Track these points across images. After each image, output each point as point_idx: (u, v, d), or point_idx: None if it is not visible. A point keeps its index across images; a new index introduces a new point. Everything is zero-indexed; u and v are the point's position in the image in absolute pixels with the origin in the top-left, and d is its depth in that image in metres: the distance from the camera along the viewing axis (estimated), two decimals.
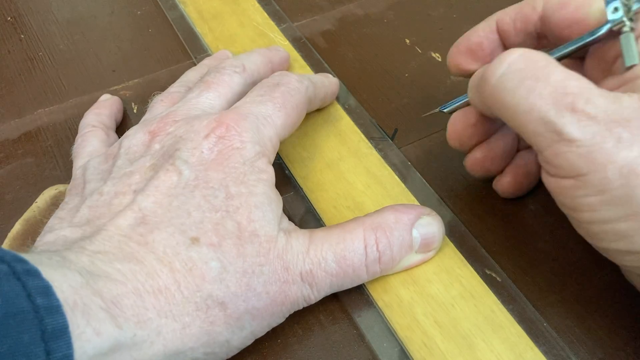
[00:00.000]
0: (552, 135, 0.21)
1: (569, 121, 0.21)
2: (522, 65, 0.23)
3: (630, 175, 0.20)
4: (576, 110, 0.21)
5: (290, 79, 0.29)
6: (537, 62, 0.22)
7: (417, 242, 0.27)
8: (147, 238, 0.23)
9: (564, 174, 0.22)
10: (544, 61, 0.22)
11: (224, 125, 0.26)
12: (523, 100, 0.22)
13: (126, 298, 0.21)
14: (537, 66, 0.22)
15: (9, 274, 0.18)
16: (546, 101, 0.22)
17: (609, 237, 0.22)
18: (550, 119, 0.21)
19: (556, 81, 0.22)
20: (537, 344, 0.25)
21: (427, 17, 0.40)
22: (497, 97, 0.23)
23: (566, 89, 0.22)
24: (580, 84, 0.22)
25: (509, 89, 0.23)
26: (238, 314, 0.23)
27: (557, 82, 0.22)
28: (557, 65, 0.22)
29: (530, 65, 0.22)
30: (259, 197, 0.25)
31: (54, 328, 0.18)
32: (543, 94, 0.22)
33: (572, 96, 0.21)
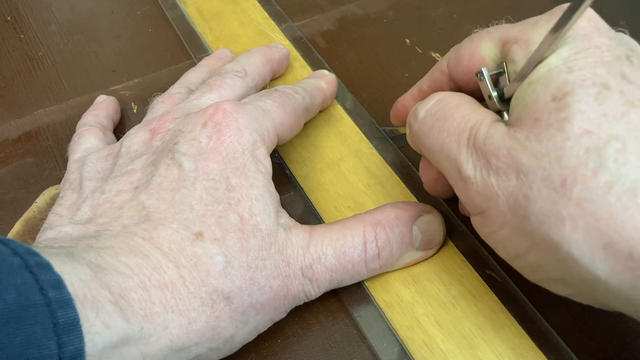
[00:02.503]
0: (457, 173, 0.22)
1: (465, 158, 0.22)
2: (436, 109, 0.24)
3: (516, 206, 0.20)
4: (469, 145, 0.22)
5: (286, 89, 0.30)
6: (448, 104, 0.24)
7: (418, 239, 0.27)
8: (152, 234, 0.23)
9: (473, 212, 0.23)
10: (456, 101, 0.24)
11: (221, 110, 0.26)
12: (435, 140, 0.23)
13: (133, 292, 0.21)
14: (447, 107, 0.24)
15: (21, 266, 0.18)
16: (451, 138, 0.23)
17: (528, 271, 0.22)
18: (453, 155, 0.22)
19: (460, 117, 0.23)
20: (538, 344, 0.25)
21: (427, 17, 0.41)
22: (418, 140, 0.25)
23: (466, 124, 0.22)
24: (479, 117, 0.22)
25: (425, 132, 0.24)
26: (243, 308, 0.23)
27: (460, 118, 0.23)
28: (468, 102, 0.23)
29: (442, 108, 0.24)
30: (259, 190, 0.25)
31: (66, 321, 0.18)
32: (449, 132, 0.23)
33: (468, 131, 0.22)
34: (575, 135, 0.19)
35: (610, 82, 0.20)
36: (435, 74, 0.28)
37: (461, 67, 0.26)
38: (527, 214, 0.20)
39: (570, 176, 0.19)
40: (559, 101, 0.20)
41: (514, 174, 0.20)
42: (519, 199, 0.20)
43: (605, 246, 0.19)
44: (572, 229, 0.19)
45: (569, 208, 0.19)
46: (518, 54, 0.23)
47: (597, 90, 0.20)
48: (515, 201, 0.20)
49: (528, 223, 0.20)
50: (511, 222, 0.21)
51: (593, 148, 0.19)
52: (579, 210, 0.19)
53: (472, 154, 0.22)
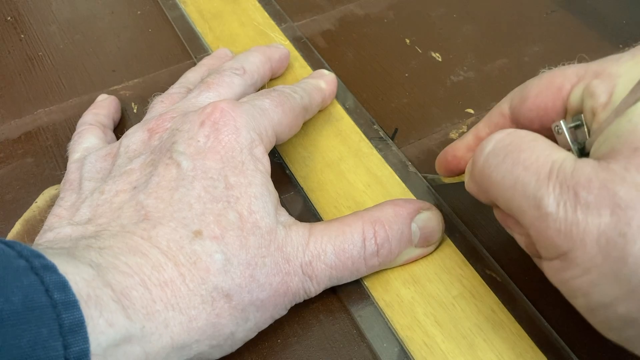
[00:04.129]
0: (534, 210, 0.20)
1: (545, 192, 0.20)
2: (508, 141, 0.22)
3: (609, 247, 0.18)
4: (551, 179, 0.20)
5: (284, 88, 0.30)
6: (523, 137, 0.22)
7: (417, 236, 0.27)
8: (151, 233, 0.23)
9: (550, 255, 0.20)
10: (531, 135, 0.22)
11: (219, 109, 0.26)
12: (508, 174, 0.21)
13: (134, 290, 0.21)
14: (522, 140, 0.22)
15: (27, 269, 0.18)
16: (528, 172, 0.20)
17: (615, 326, 0.19)
18: (531, 191, 0.20)
19: (539, 151, 0.21)
20: (538, 344, 0.25)
21: (427, 17, 0.41)
22: (485, 174, 0.22)
23: (548, 157, 0.20)
24: (560, 152, 0.21)
25: (494, 165, 0.22)
26: (243, 305, 0.23)
27: (540, 151, 0.21)
28: (543, 139, 0.22)
29: (516, 140, 0.22)
30: (258, 188, 0.25)
31: (71, 323, 0.18)
32: (525, 165, 0.21)
33: (550, 164, 0.20)
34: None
35: None
36: (495, 118, 0.26)
37: (528, 104, 0.24)
38: (623, 256, 0.18)
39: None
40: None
41: (608, 209, 0.18)
42: (613, 238, 0.18)
43: None
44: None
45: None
46: (600, 88, 0.21)
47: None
48: (608, 241, 0.18)
49: (625, 266, 0.18)
50: (601, 266, 0.18)
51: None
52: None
53: (555, 188, 0.19)
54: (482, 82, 0.36)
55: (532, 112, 0.24)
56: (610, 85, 0.21)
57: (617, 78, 0.21)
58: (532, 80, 0.25)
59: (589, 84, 0.22)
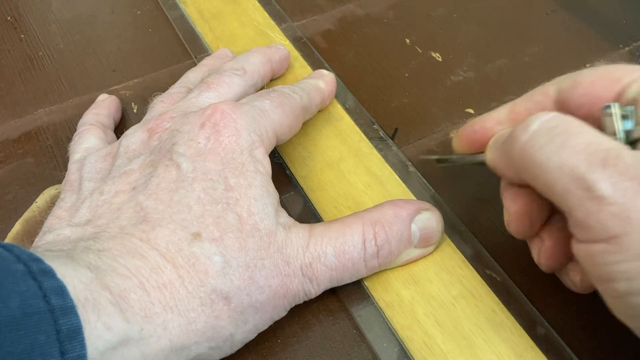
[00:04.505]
0: (583, 192, 0.20)
1: (600, 177, 0.20)
2: (554, 123, 0.22)
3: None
4: (608, 165, 0.20)
5: (284, 88, 0.30)
6: (570, 122, 0.22)
7: (416, 237, 0.27)
8: (149, 235, 0.23)
9: (595, 238, 0.20)
10: (577, 122, 0.22)
11: (219, 111, 0.26)
12: (554, 155, 0.21)
13: (133, 292, 0.21)
14: (570, 125, 0.22)
15: (25, 273, 0.18)
16: (578, 156, 0.21)
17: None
18: (581, 174, 0.20)
19: (589, 137, 0.21)
20: (538, 344, 0.25)
21: (427, 17, 0.40)
22: (527, 153, 0.22)
23: (599, 145, 0.21)
24: (613, 142, 0.21)
25: (539, 145, 0.22)
26: (242, 307, 0.23)
27: (590, 138, 0.21)
28: (589, 126, 0.22)
29: (564, 124, 0.22)
30: (257, 190, 0.25)
31: (69, 328, 0.18)
32: (575, 149, 0.21)
33: (604, 152, 0.20)
34: None
35: None
36: (538, 96, 0.26)
37: (580, 89, 0.24)
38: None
39: None
40: None
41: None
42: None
43: None
44: None
45: None
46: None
47: None
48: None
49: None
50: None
51: None
52: None
53: (612, 175, 0.20)
54: (482, 82, 0.36)
55: (583, 97, 0.24)
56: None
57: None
58: (586, 69, 0.25)
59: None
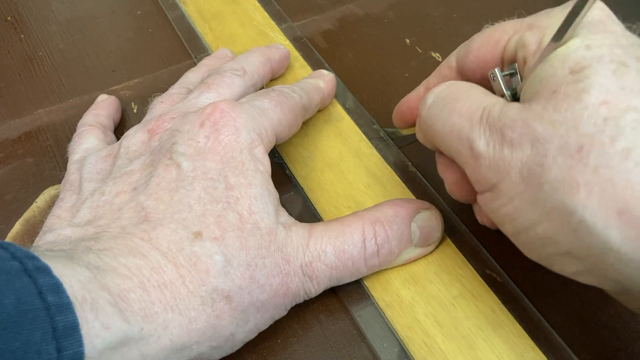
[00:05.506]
0: (468, 151, 0.22)
1: (477, 135, 0.22)
2: (447, 92, 0.25)
3: (529, 176, 0.20)
4: (482, 122, 0.22)
5: (283, 88, 0.30)
6: (460, 88, 0.24)
7: (416, 236, 0.27)
8: (151, 234, 0.23)
9: (483, 189, 0.23)
10: (466, 86, 0.24)
11: (218, 110, 0.26)
12: (446, 121, 0.24)
13: (132, 292, 0.21)
14: (459, 90, 0.24)
15: (20, 271, 0.18)
16: (462, 118, 0.23)
17: (535, 246, 0.22)
18: (465, 134, 0.23)
19: (473, 99, 0.23)
20: (538, 344, 0.25)
21: (427, 17, 0.41)
22: (428, 124, 0.25)
23: (480, 104, 0.23)
24: (492, 98, 0.23)
25: (435, 114, 0.24)
26: (243, 306, 0.23)
27: (473, 99, 0.23)
28: (478, 88, 0.24)
29: (453, 91, 0.24)
30: (258, 189, 0.25)
31: (65, 326, 0.18)
32: (461, 112, 0.23)
33: (481, 110, 0.22)
34: (593, 105, 0.19)
35: (627, 62, 0.20)
36: (443, 70, 0.28)
37: (470, 56, 0.26)
38: (541, 183, 0.20)
39: (587, 143, 0.19)
40: (577, 74, 0.20)
41: (529, 143, 0.20)
42: (533, 168, 0.20)
43: (620, 212, 0.18)
44: (587, 195, 0.19)
45: (584, 174, 0.19)
46: (531, 38, 0.23)
47: (615, 66, 0.20)
48: (529, 171, 0.20)
49: (541, 192, 0.20)
50: (523, 193, 0.21)
51: (611, 117, 0.19)
52: (595, 176, 0.19)
53: (484, 130, 0.22)
54: None
55: (474, 63, 0.26)
56: (540, 35, 0.23)
57: (546, 29, 0.23)
58: (476, 35, 0.27)
59: (522, 35, 0.24)
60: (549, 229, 0.20)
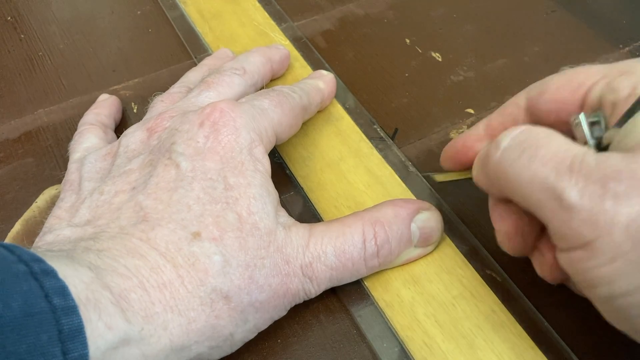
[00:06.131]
0: (554, 203, 0.20)
1: (568, 184, 0.20)
2: (524, 137, 0.22)
3: (638, 234, 0.18)
4: (573, 172, 0.20)
5: (283, 88, 0.30)
6: (538, 134, 0.22)
7: (416, 237, 0.27)
8: (149, 234, 0.23)
9: (572, 245, 0.20)
10: (545, 132, 0.22)
11: (218, 110, 0.26)
12: (525, 169, 0.21)
13: (133, 292, 0.21)
14: (538, 137, 0.22)
15: (27, 273, 0.18)
16: (546, 167, 0.21)
17: (633, 314, 0.20)
18: (550, 184, 0.20)
19: (556, 147, 0.21)
20: (538, 344, 0.25)
21: (427, 17, 0.40)
22: (501, 170, 0.23)
23: (566, 153, 0.21)
24: (580, 149, 0.21)
25: (511, 159, 0.22)
26: (242, 307, 0.23)
27: (556, 147, 0.21)
28: (558, 134, 0.22)
29: (532, 136, 0.22)
30: (257, 189, 0.25)
31: (70, 328, 0.18)
32: (544, 160, 0.21)
33: (570, 159, 0.20)
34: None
35: None
36: (509, 109, 0.27)
37: (546, 97, 0.25)
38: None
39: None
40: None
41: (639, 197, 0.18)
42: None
43: None
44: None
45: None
46: (623, 82, 0.22)
47: None
48: (638, 228, 0.18)
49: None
50: (629, 253, 0.19)
51: None
52: None
53: (578, 181, 0.20)
54: (482, 82, 0.36)
55: (549, 104, 0.25)
56: (635, 81, 0.21)
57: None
58: (553, 75, 0.25)
59: (612, 80, 0.22)
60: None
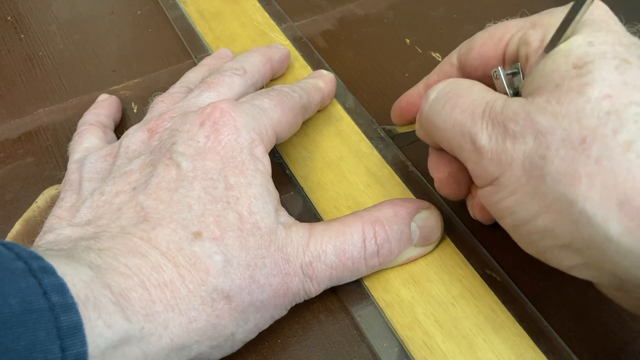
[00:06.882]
0: (470, 146, 0.23)
1: (479, 129, 0.22)
2: (448, 89, 0.25)
3: (531, 168, 0.20)
4: (484, 117, 0.22)
5: (283, 87, 0.30)
6: (462, 84, 0.25)
7: (416, 236, 0.27)
8: (150, 234, 0.23)
9: (484, 182, 0.23)
10: (467, 83, 0.24)
11: (218, 109, 0.26)
12: (448, 117, 0.24)
13: (134, 291, 0.21)
14: (461, 87, 0.24)
15: (25, 271, 0.18)
16: (464, 114, 0.23)
17: (534, 239, 0.22)
18: (467, 129, 0.23)
19: (475, 94, 0.23)
20: (538, 344, 0.25)
21: (427, 17, 0.41)
22: (430, 121, 0.25)
23: (482, 99, 0.23)
24: (494, 94, 0.23)
25: (437, 110, 0.24)
26: (243, 306, 0.23)
27: (475, 94, 0.23)
28: (479, 84, 0.24)
29: (455, 87, 0.24)
30: (257, 189, 0.25)
31: (69, 325, 0.18)
32: (462, 108, 0.23)
33: (483, 105, 0.23)
34: (596, 98, 0.20)
35: (629, 59, 0.20)
36: (444, 67, 0.28)
37: (473, 53, 0.26)
38: (542, 174, 0.20)
39: (589, 135, 0.19)
40: (580, 69, 0.20)
41: (532, 136, 0.20)
42: (535, 160, 0.20)
43: (620, 204, 0.19)
44: (589, 186, 0.19)
45: (586, 166, 0.19)
46: (534, 36, 0.23)
47: (617, 62, 0.20)
48: (531, 163, 0.20)
49: (543, 184, 0.20)
50: (525, 185, 0.21)
51: (614, 110, 0.19)
52: (597, 167, 0.19)
53: (487, 124, 0.22)
54: None
55: (476, 61, 0.26)
56: (543, 33, 0.23)
57: (549, 27, 0.23)
58: (478, 33, 0.27)
59: (525, 33, 0.24)
60: (549, 221, 0.21)
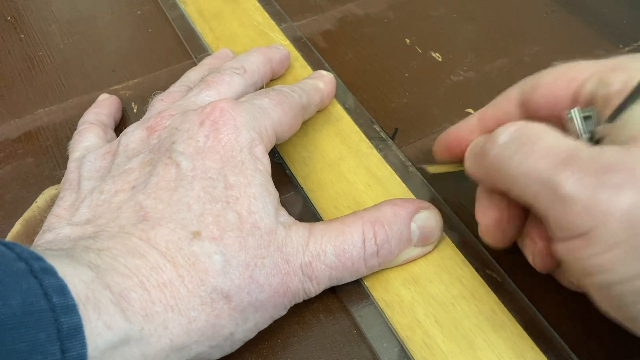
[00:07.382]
0: (551, 195, 0.21)
1: (563, 177, 0.21)
2: (520, 132, 0.23)
3: (634, 222, 0.19)
4: (568, 165, 0.21)
5: (283, 87, 0.30)
6: (533, 129, 0.23)
7: (416, 236, 0.27)
8: (149, 234, 0.23)
9: (569, 235, 0.21)
10: (540, 128, 0.23)
11: (218, 108, 0.26)
12: (521, 163, 0.22)
13: (133, 292, 0.21)
14: (534, 132, 0.23)
15: (26, 272, 0.18)
16: (542, 160, 0.22)
17: (628, 301, 0.20)
18: (546, 177, 0.21)
19: (550, 141, 0.22)
20: (538, 344, 0.25)
21: (427, 17, 0.40)
22: (498, 165, 0.23)
23: (560, 147, 0.22)
24: (574, 143, 0.22)
25: (508, 155, 0.23)
26: (242, 306, 0.23)
27: (551, 141, 0.22)
28: (553, 130, 0.23)
29: (528, 132, 0.23)
30: (257, 188, 0.25)
31: (69, 327, 0.18)
32: (540, 154, 0.22)
33: (565, 152, 0.21)
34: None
35: None
36: (502, 103, 0.27)
37: (540, 91, 0.25)
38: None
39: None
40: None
41: (633, 190, 0.19)
42: (638, 215, 0.19)
43: None
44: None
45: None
46: (616, 77, 0.22)
47: None
48: (633, 218, 0.19)
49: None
50: (625, 242, 0.19)
51: None
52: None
53: (574, 172, 0.20)
54: (482, 82, 0.36)
55: (542, 99, 0.25)
56: (627, 76, 0.22)
57: (635, 71, 0.22)
58: (547, 70, 0.25)
59: (605, 75, 0.23)
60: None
